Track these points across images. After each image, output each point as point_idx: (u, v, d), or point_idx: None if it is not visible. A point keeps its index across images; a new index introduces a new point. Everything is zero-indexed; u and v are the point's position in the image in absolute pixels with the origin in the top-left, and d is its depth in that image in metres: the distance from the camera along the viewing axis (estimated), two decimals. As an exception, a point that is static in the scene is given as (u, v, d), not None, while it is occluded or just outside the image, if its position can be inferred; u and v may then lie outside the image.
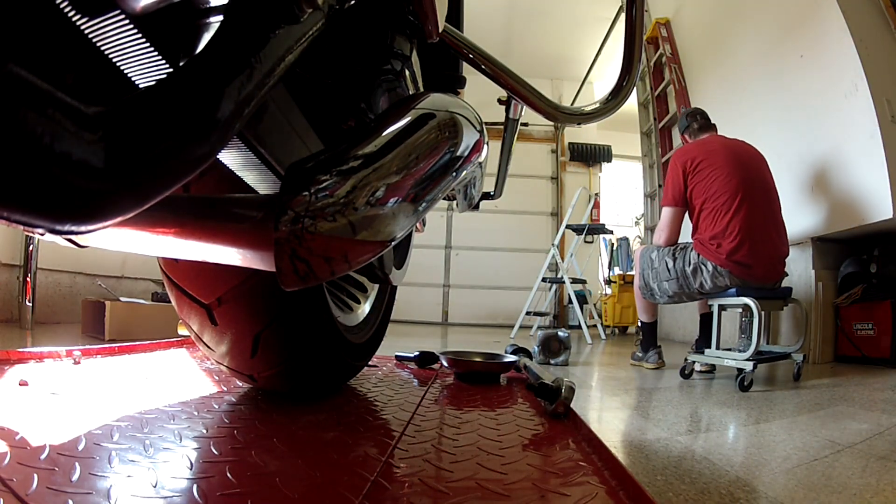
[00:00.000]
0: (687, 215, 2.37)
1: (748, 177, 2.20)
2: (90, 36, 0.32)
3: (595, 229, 4.95)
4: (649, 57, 4.74)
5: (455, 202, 1.06)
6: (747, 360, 1.92)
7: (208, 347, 0.77)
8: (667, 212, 2.42)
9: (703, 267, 2.22)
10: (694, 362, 2.24)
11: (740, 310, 2.27)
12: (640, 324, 2.67)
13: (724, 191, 2.18)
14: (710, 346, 2.21)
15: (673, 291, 2.32)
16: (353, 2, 0.40)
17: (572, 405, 0.78)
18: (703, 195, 2.24)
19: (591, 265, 6.19)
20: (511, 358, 1.21)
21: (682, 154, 2.36)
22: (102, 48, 0.33)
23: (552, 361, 2.54)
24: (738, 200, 2.14)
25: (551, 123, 5.80)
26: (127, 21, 0.32)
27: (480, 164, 0.55)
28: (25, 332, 2.52)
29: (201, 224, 0.40)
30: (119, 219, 0.24)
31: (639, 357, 2.61)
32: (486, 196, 1.22)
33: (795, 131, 2.80)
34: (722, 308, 2.22)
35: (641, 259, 2.48)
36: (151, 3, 0.30)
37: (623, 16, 0.92)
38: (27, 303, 2.70)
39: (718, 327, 2.20)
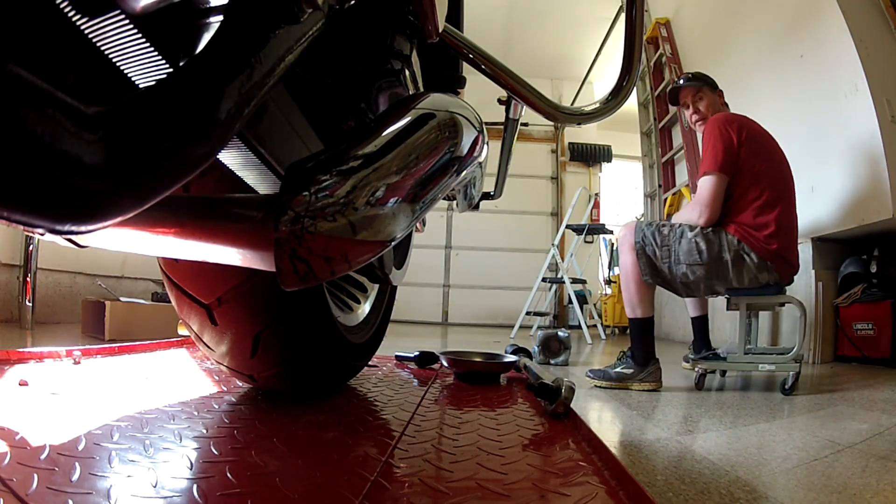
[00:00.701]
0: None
1: (787, 172, 1.97)
2: (90, 36, 0.32)
3: (595, 229, 4.96)
4: (649, 57, 4.74)
5: (455, 202, 1.06)
6: (793, 363, 1.74)
7: (208, 347, 0.77)
8: (710, 181, 1.82)
9: (746, 257, 1.79)
10: (705, 370, 1.87)
11: (772, 310, 2.13)
12: (629, 323, 1.97)
13: (774, 178, 1.85)
14: (709, 349, 2.18)
15: (695, 278, 1.82)
16: (353, 2, 0.40)
17: (572, 405, 0.79)
18: (750, 173, 1.83)
19: (591, 265, 6.20)
20: (511, 358, 1.21)
21: (730, 119, 1.91)
22: (102, 48, 0.33)
23: (552, 361, 2.53)
24: (787, 194, 1.89)
25: (551, 123, 5.80)
26: (127, 21, 0.32)
27: (480, 164, 0.55)
28: (25, 332, 2.52)
29: (201, 224, 0.40)
30: (119, 219, 0.24)
31: (621, 375, 1.87)
32: (486, 196, 1.22)
33: (795, 131, 2.79)
34: (739, 307, 1.96)
35: (637, 232, 1.89)
36: (151, 3, 0.30)
37: (623, 16, 0.92)
38: (27, 303, 2.70)
39: (748, 330, 1.94)
